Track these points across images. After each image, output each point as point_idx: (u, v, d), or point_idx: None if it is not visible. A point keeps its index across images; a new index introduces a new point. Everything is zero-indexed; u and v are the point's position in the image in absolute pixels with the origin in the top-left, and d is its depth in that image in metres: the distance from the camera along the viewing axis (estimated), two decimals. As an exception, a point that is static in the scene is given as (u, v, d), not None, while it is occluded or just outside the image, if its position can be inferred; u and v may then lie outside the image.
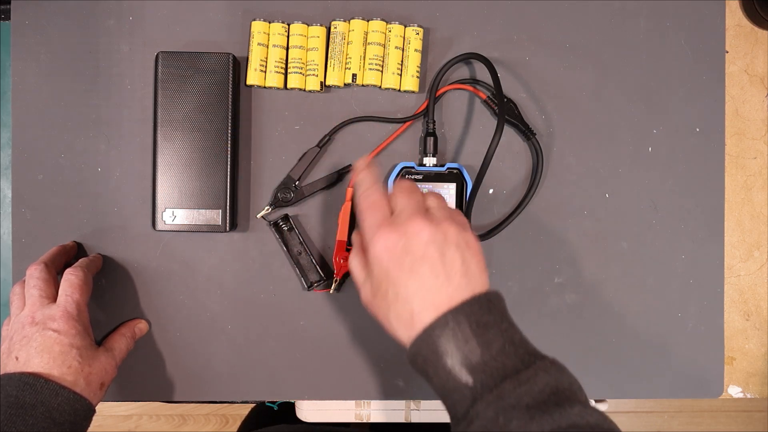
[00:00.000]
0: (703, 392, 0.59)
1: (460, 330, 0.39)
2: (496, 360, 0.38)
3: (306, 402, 0.60)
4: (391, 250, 0.41)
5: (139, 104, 0.55)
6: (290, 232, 0.56)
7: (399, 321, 0.41)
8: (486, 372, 0.38)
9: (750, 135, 0.60)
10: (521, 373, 0.38)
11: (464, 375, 0.38)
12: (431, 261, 0.40)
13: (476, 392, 0.38)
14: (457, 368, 0.38)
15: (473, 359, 0.38)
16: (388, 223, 0.42)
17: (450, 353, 0.38)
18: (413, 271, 0.40)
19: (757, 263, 0.60)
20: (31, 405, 0.43)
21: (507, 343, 0.39)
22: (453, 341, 0.38)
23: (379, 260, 0.41)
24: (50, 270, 0.50)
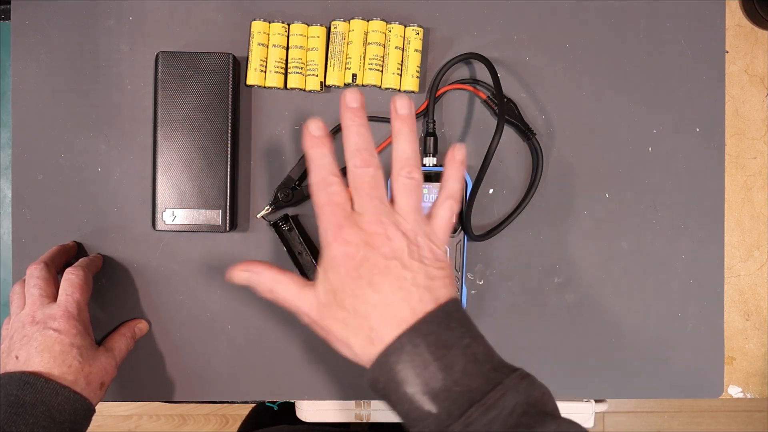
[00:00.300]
0: (703, 392, 0.59)
1: (417, 354, 0.35)
2: (459, 384, 0.35)
3: (306, 402, 0.60)
4: (351, 258, 0.38)
5: (139, 104, 0.55)
6: (290, 232, 0.56)
7: (357, 337, 0.37)
8: (450, 399, 0.35)
9: (750, 135, 0.60)
10: (488, 396, 0.35)
11: (427, 403, 0.35)
12: (393, 275, 0.37)
13: (441, 422, 0.35)
14: (418, 396, 0.35)
15: (435, 385, 0.35)
16: (347, 225, 0.38)
17: (409, 381, 0.35)
18: (373, 285, 0.37)
19: (757, 263, 0.60)
20: (31, 404, 0.43)
21: (469, 362, 0.36)
22: (411, 368, 0.35)
23: (337, 268, 0.38)
24: (50, 269, 0.51)
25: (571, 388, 0.58)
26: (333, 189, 0.39)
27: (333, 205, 0.39)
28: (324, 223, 0.39)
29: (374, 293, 0.37)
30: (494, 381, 0.36)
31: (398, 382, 0.36)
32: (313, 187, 0.40)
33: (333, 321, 0.38)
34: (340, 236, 0.38)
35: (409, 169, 0.41)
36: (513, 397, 0.35)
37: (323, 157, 0.40)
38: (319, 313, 0.39)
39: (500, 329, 0.57)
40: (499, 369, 0.37)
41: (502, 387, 0.35)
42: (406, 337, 0.36)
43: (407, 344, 0.36)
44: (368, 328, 0.37)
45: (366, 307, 0.37)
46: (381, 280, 0.37)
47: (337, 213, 0.39)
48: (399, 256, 0.38)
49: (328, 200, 0.39)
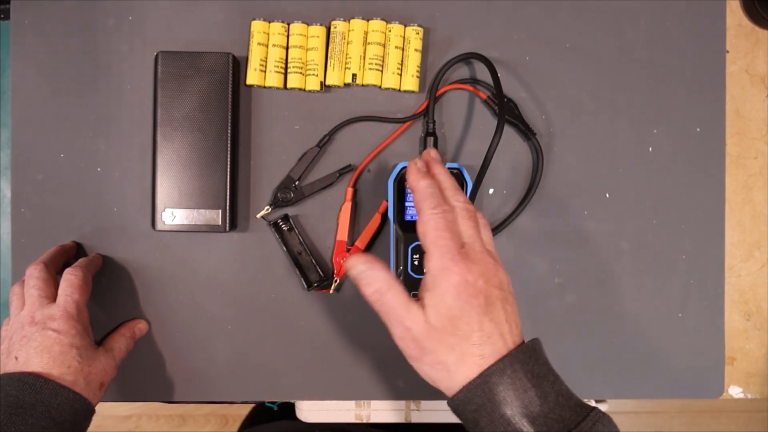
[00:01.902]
0: (704, 392, 0.59)
1: (517, 378, 0.37)
2: (554, 412, 0.37)
3: (306, 402, 0.60)
4: (472, 286, 0.39)
5: (138, 104, 0.55)
6: (290, 232, 0.56)
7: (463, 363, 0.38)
8: (547, 424, 0.37)
9: (750, 135, 0.60)
10: (581, 425, 0.37)
11: (525, 426, 0.37)
12: (501, 306, 0.40)
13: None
14: (516, 419, 0.37)
15: (533, 410, 0.37)
16: (464, 255, 0.40)
17: (509, 402, 0.37)
18: (487, 314, 0.39)
19: (758, 263, 0.60)
20: (31, 405, 0.43)
21: (559, 394, 0.38)
22: (512, 390, 0.37)
23: (458, 294, 0.39)
24: (50, 270, 0.50)
25: (571, 389, 0.57)
26: (449, 217, 0.41)
27: (452, 232, 0.40)
28: (442, 248, 0.40)
29: (489, 323, 0.39)
30: (582, 413, 0.38)
31: (497, 402, 0.37)
32: (428, 213, 0.41)
33: (439, 344, 0.39)
34: (462, 264, 0.39)
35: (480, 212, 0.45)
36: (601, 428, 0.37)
37: (435, 188, 0.43)
38: (425, 332, 0.39)
39: (500, 329, 0.57)
40: (581, 405, 0.39)
41: (591, 419, 0.37)
42: (507, 361, 0.38)
43: (508, 368, 0.38)
44: (479, 356, 0.38)
45: (480, 335, 0.38)
46: (492, 310, 0.39)
47: (456, 240, 0.40)
48: (504, 288, 0.40)
49: (446, 226, 0.41)
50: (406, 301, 0.40)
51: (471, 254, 0.40)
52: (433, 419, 0.60)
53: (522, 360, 0.38)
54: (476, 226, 0.42)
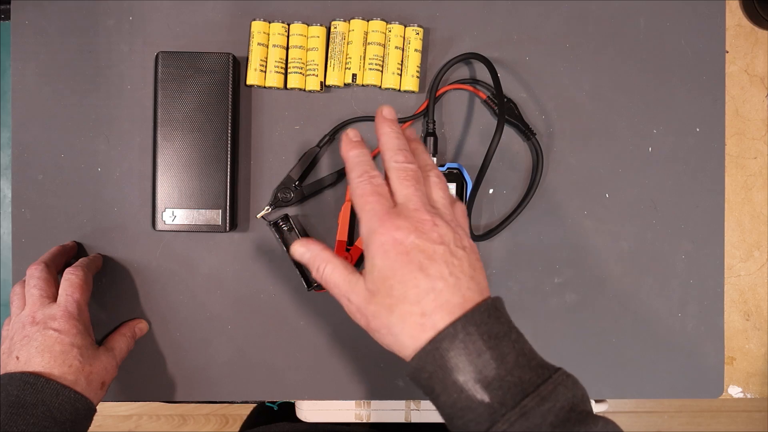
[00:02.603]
0: (703, 392, 0.59)
1: (471, 342, 0.35)
2: (512, 374, 0.35)
3: (306, 402, 0.60)
4: (401, 244, 0.37)
5: (139, 104, 0.55)
6: (290, 232, 0.56)
7: (404, 324, 0.37)
8: (503, 388, 0.35)
9: (750, 135, 0.60)
10: (540, 388, 0.35)
11: (479, 392, 0.35)
12: (443, 261, 0.37)
13: (494, 411, 0.34)
14: (470, 385, 0.35)
15: (488, 374, 0.35)
16: (395, 214, 0.38)
17: (461, 368, 0.35)
18: (424, 270, 0.37)
19: (757, 263, 0.60)
20: (32, 404, 0.43)
21: (520, 355, 0.36)
22: (464, 355, 0.35)
23: (386, 253, 0.37)
24: (50, 270, 0.51)
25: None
26: (377, 181, 0.40)
27: (378, 195, 0.40)
28: (369, 213, 0.39)
29: (425, 278, 0.37)
30: (544, 375, 0.36)
31: (449, 369, 0.35)
32: (354, 181, 0.41)
33: (379, 307, 0.38)
34: (389, 223, 0.38)
35: (436, 171, 0.43)
36: (563, 391, 0.35)
37: (363, 155, 0.42)
38: (365, 299, 0.39)
39: (500, 329, 0.57)
40: (544, 366, 0.37)
41: (553, 381, 0.35)
42: (459, 324, 0.36)
43: (461, 331, 0.35)
44: (419, 314, 0.36)
45: (417, 292, 0.37)
46: (431, 265, 0.37)
47: (383, 202, 0.39)
48: (446, 242, 0.38)
49: (372, 190, 0.40)
50: (347, 274, 0.40)
51: (403, 212, 0.39)
52: (433, 419, 0.60)
53: (478, 321, 0.36)
54: (415, 185, 0.40)
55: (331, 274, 0.41)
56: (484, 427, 0.34)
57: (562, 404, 0.35)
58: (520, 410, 0.34)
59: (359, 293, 0.39)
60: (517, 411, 0.34)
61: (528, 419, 0.34)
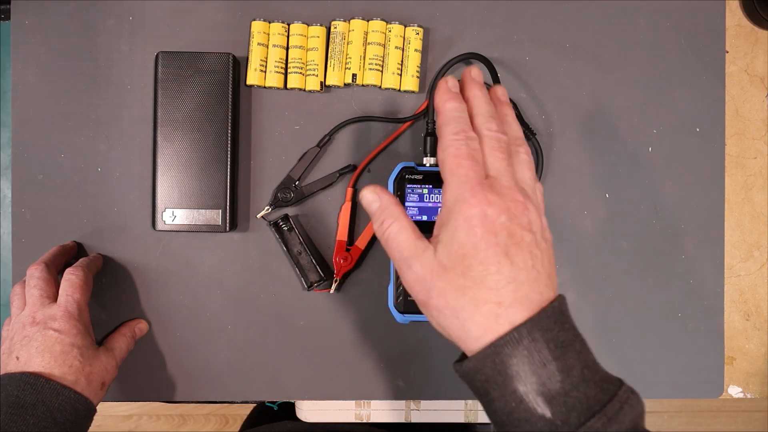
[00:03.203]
0: (703, 392, 0.59)
1: (536, 350, 0.32)
2: (578, 389, 0.32)
3: (306, 402, 0.60)
4: (492, 222, 0.33)
5: (139, 104, 0.55)
6: (290, 232, 0.56)
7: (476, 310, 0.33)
8: (567, 404, 0.32)
9: (750, 135, 0.60)
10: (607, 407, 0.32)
11: (540, 405, 0.32)
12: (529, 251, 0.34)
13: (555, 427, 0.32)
14: (531, 396, 0.32)
15: (552, 387, 0.32)
16: (488, 187, 0.34)
17: (523, 378, 0.32)
18: (510, 256, 0.33)
19: (757, 263, 0.60)
20: (32, 405, 0.43)
21: (584, 367, 0.33)
22: (528, 364, 0.32)
23: (472, 228, 0.33)
24: (51, 270, 0.51)
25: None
26: (474, 144, 0.36)
27: (473, 161, 0.35)
28: (461, 178, 0.35)
29: (509, 266, 0.33)
30: (609, 392, 0.33)
31: (509, 376, 0.32)
32: (449, 137, 0.36)
33: (449, 285, 0.34)
34: (482, 195, 0.34)
35: (525, 147, 0.39)
36: (629, 411, 0.32)
37: (462, 111, 0.38)
38: (433, 272, 0.34)
39: (500, 329, 0.57)
40: (608, 379, 0.34)
41: (619, 399, 0.33)
42: (525, 329, 0.32)
43: (526, 337, 0.32)
44: (496, 303, 0.33)
45: (498, 279, 0.33)
46: (517, 252, 0.34)
47: (478, 170, 0.35)
48: (534, 230, 0.35)
49: (468, 153, 0.35)
50: (414, 239, 0.36)
51: (495, 186, 0.35)
52: (433, 419, 0.60)
53: (545, 326, 0.33)
54: (508, 159, 0.36)
55: (398, 234, 0.36)
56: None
57: (627, 426, 0.32)
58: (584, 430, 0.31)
59: (427, 263, 0.35)
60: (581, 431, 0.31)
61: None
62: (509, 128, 0.39)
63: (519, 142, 0.39)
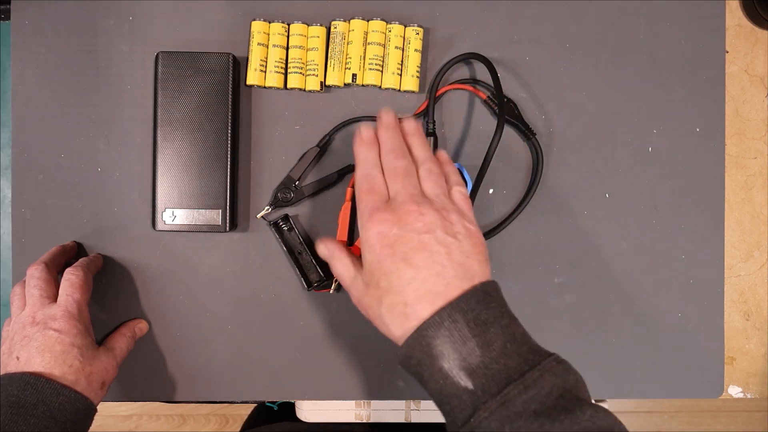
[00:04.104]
0: (703, 392, 0.59)
1: (456, 329, 0.36)
2: (498, 362, 0.35)
3: (306, 402, 0.60)
4: (385, 237, 0.39)
5: (139, 104, 0.55)
6: (290, 232, 0.56)
7: (392, 314, 0.38)
8: (487, 375, 0.35)
9: (750, 135, 0.60)
10: (526, 376, 0.35)
11: (463, 379, 0.35)
12: (427, 250, 0.38)
13: (477, 398, 0.35)
14: (454, 371, 0.35)
15: (472, 361, 0.35)
16: (382, 208, 0.40)
17: (446, 355, 0.35)
18: (407, 260, 0.38)
19: (757, 263, 0.60)
20: (32, 404, 0.43)
21: (508, 341, 0.36)
22: (449, 342, 0.36)
23: (371, 247, 0.39)
24: (50, 270, 0.51)
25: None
26: (374, 180, 0.42)
27: (372, 193, 0.42)
28: (361, 209, 0.42)
29: (408, 268, 0.38)
30: (532, 362, 0.36)
31: (434, 356, 0.36)
32: (357, 179, 0.43)
33: (370, 299, 0.40)
34: (375, 217, 0.40)
35: (428, 164, 0.44)
36: (550, 379, 0.35)
37: (369, 153, 0.44)
38: (361, 292, 0.41)
39: (500, 329, 0.57)
40: (535, 351, 0.37)
41: (540, 368, 0.35)
42: (445, 312, 0.36)
43: (446, 319, 0.36)
44: (402, 304, 0.38)
45: (400, 282, 0.38)
46: (414, 255, 0.38)
47: (375, 198, 0.41)
48: (432, 230, 0.39)
49: (368, 188, 0.42)
50: (351, 269, 0.42)
51: (390, 206, 0.40)
52: (433, 419, 0.60)
53: (465, 308, 0.36)
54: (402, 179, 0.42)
55: (340, 270, 0.44)
56: (467, 414, 0.35)
57: (548, 391, 0.34)
58: (502, 398, 0.34)
59: (358, 286, 0.42)
60: (499, 399, 0.34)
61: (509, 407, 0.34)
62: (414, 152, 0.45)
63: (421, 161, 0.44)
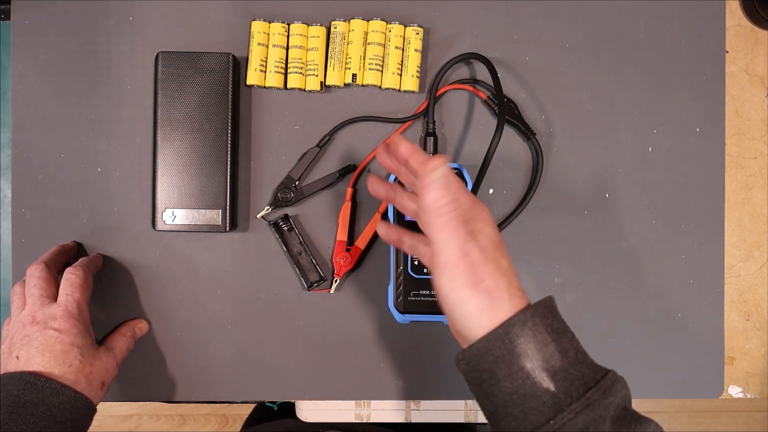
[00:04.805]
0: (703, 392, 0.59)
1: (538, 331, 0.36)
2: (575, 368, 0.36)
3: (306, 402, 0.60)
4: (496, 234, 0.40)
5: (139, 104, 0.55)
6: (290, 232, 0.56)
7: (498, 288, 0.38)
8: (568, 380, 0.36)
9: (750, 135, 0.60)
10: (601, 383, 0.36)
11: (545, 380, 0.35)
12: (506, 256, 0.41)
13: (559, 401, 0.35)
14: (536, 372, 0.36)
15: (554, 364, 0.36)
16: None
17: (529, 355, 0.36)
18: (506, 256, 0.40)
19: (757, 263, 0.60)
20: (32, 404, 0.43)
21: (578, 351, 0.38)
22: (533, 343, 0.36)
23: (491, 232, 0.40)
24: (50, 269, 0.51)
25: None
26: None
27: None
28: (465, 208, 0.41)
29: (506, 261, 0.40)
30: (600, 372, 0.37)
31: (517, 355, 0.36)
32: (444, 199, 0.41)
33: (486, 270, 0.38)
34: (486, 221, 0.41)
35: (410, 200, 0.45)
36: (620, 389, 0.37)
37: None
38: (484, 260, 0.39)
39: (500, 329, 0.57)
40: (597, 366, 0.38)
41: (609, 378, 0.37)
42: (528, 313, 0.37)
43: (529, 320, 0.36)
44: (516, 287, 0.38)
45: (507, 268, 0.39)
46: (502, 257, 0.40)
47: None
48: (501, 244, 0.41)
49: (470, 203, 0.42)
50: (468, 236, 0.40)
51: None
52: (433, 419, 0.60)
53: (542, 313, 0.37)
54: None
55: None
56: (547, 416, 0.35)
57: (618, 401, 0.36)
58: (585, 401, 0.35)
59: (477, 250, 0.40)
60: (582, 402, 0.35)
61: (592, 411, 0.35)
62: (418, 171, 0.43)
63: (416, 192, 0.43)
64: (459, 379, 0.57)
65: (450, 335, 0.57)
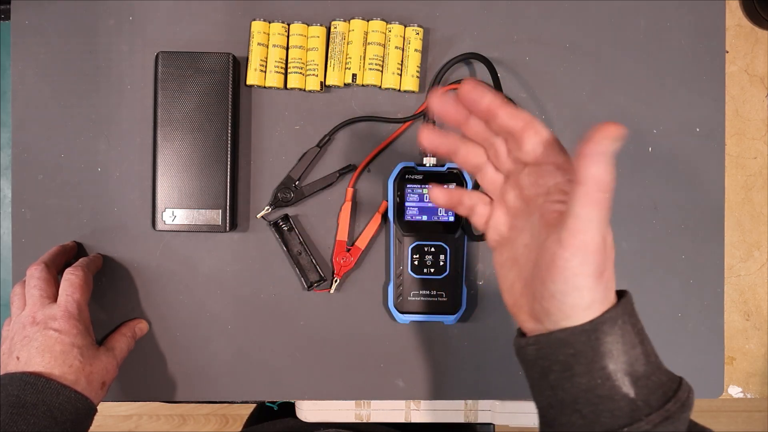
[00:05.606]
0: (703, 392, 0.59)
1: (627, 332, 0.34)
2: (657, 375, 0.34)
3: (306, 402, 0.60)
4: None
5: (139, 104, 0.55)
6: (290, 232, 0.56)
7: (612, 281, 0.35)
8: (648, 387, 0.33)
9: (750, 135, 0.60)
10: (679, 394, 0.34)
11: (626, 385, 0.33)
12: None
13: (637, 408, 0.33)
14: (618, 375, 0.33)
15: (638, 369, 0.34)
16: None
17: (614, 356, 0.33)
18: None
19: (757, 263, 0.60)
20: (33, 404, 0.43)
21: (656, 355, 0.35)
22: (621, 344, 0.34)
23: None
24: (50, 270, 0.51)
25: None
26: None
27: None
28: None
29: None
30: (675, 380, 0.35)
31: (601, 353, 0.33)
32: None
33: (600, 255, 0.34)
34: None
35: None
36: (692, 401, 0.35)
37: None
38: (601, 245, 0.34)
39: (500, 329, 0.57)
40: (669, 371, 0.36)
41: (685, 389, 0.35)
42: (619, 311, 0.34)
43: (619, 319, 0.34)
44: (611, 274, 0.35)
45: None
46: None
47: None
48: None
49: None
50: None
51: None
52: (433, 419, 0.60)
53: (630, 312, 0.35)
54: None
55: None
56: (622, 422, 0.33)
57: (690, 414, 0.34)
58: (665, 413, 0.33)
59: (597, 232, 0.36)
60: (662, 413, 0.33)
61: (671, 424, 0.33)
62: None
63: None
64: (459, 379, 0.57)
65: (449, 335, 0.57)
